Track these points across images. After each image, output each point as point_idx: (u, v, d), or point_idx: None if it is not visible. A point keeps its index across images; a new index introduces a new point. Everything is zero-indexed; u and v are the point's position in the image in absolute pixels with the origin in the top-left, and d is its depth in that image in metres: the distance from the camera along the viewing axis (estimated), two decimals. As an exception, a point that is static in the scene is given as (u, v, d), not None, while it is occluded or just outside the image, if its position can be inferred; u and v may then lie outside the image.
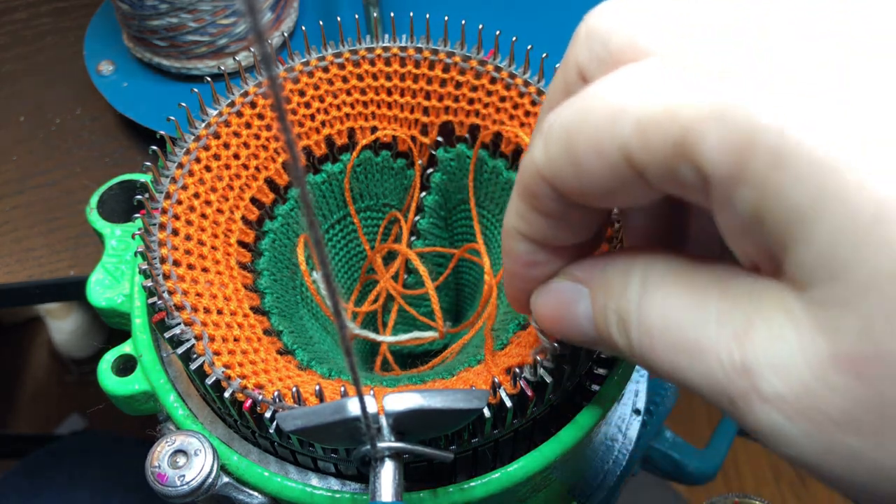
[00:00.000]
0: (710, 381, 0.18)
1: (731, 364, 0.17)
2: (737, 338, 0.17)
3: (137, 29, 0.55)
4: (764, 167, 0.15)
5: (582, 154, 0.18)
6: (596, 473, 0.37)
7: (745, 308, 0.17)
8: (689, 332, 0.18)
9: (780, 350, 0.16)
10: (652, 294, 0.19)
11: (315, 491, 0.27)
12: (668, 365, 0.19)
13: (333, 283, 0.16)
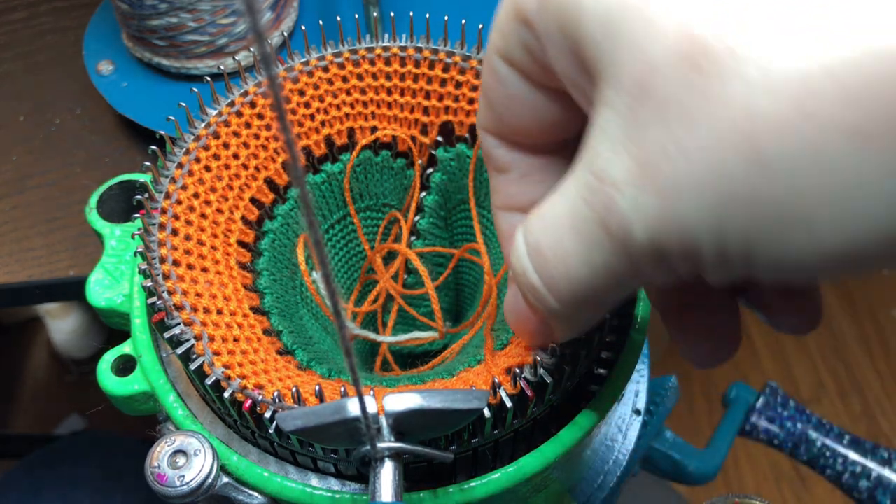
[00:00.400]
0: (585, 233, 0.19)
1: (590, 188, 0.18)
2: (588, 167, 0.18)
3: (137, 28, 0.55)
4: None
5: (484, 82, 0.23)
6: (596, 474, 0.37)
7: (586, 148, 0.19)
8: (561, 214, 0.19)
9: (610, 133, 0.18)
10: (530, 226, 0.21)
11: (315, 491, 0.27)
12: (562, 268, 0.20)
13: (333, 283, 0.16)
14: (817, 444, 0.47)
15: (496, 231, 0.26)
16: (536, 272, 0.20)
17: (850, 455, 0.46)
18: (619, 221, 0.18)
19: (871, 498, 0.45)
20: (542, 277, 0.20)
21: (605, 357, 0.29)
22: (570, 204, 0.19)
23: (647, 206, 0.17)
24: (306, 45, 0.34)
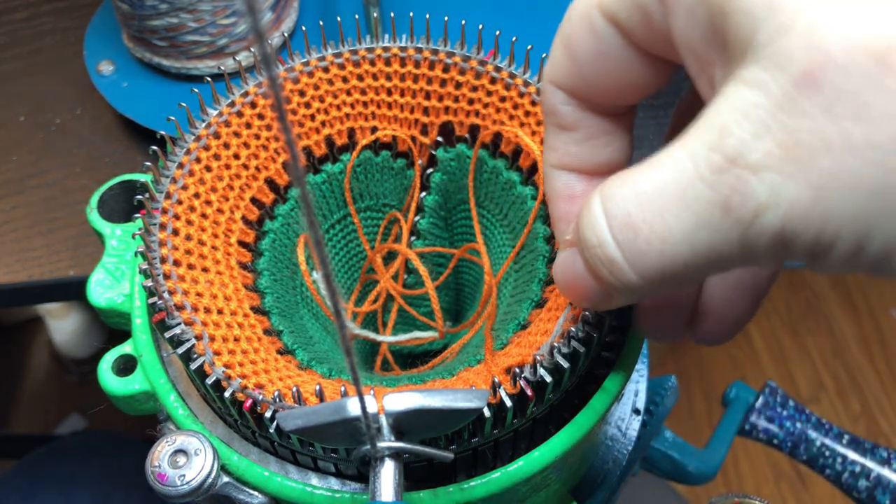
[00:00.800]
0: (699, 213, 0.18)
1: (715, 169, 0.17)
2: (713, 147, 0.17)
3: (137, 29, 0.55)
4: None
5: (571, 33, 0.22)
6: (596, 473, 0.37)
7: (710, 125, 0.18)
8: (667, 188, 0.18)
9: (754, 116, 0.17)
10: (615, 195, 0.20)
11: (315, 491, 0.27)
12: (657, 243, 0.19)
13: (333, 283, 0.16)
14: (817, 443, 0.47)
15: (547, 190, 0.25)
16: (619, 245, 0.20)
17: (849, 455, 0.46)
18: (750, 206, 0.17)
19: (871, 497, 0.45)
20: (625, 251, 0.19)
21: (605, 357, 0.29)
22: (681, 180, 0.18)
23: (789, 194, 0.17)
24: (307, 46, 0.34)
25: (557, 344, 0.25)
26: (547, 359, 0.25)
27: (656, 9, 0.20)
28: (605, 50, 0.21)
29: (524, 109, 0.33)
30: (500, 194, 0.34)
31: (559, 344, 0.25)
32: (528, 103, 0.32)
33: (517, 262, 0.33)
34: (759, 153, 0.17)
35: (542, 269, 0.31)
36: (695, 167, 0.18)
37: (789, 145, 0.17)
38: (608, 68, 0.22)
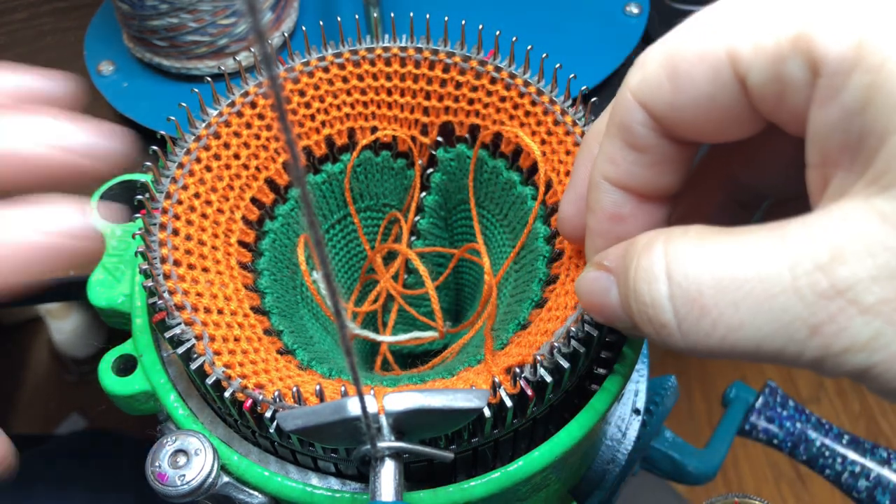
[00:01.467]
0: (785, 323, 0.17)
1: (818, 292, 0.16)
2: (821, 268, 0.16)
3: (138, 29, 0.55)
4: (879, 54, 0.16)
5: (684, 64, 0.19)
6: (596, 473, 0.37)
7: (823, 239, 0.16)
8: (753, 285, 0.17)
9: (879, 257, 0.16)
10: (686, 263, 0.18)
11: (315, 491, 0.27)
12: (723, 330, 0.18)
13: (333, 283, 0.16)
14: (816, 443, 0.47)
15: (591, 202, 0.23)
16: (676, 316, 0.18)
17: (849, 455, 0.46)
18: (844, 341, 0.16)
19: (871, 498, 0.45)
20: (682, 324, 0.18)
21: (605, 357, 0.29)
22: (772, 284, 0.17)
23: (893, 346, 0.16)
24: (307, 46, 0.34)
25: (558, 344, 0.25)
26: (547, 359, 0.25)
27: (799, 91, 0.18)
28: (719, 98, 0.19)
29: (524, 109, 0.33)
30: (500, 194, 0.34)
31: (559, 344, 0.25)
32: (529, 103, 0.32)
33: (517, 262, 0.33)
34: (874, 297, 0.16)
35: (542, 268, 0.31)
36: (793, 279, 0.17)
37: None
38: (713, 114, 0.20)
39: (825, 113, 0.17)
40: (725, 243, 0.18)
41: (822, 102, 0.17)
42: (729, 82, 0.19)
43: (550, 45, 0.58)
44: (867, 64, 0.16)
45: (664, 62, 0.20)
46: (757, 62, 0.18)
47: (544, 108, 0.32)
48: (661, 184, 0.22)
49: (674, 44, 0.20)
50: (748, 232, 0.18)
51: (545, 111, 0.32)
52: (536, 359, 0.25)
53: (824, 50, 0.17)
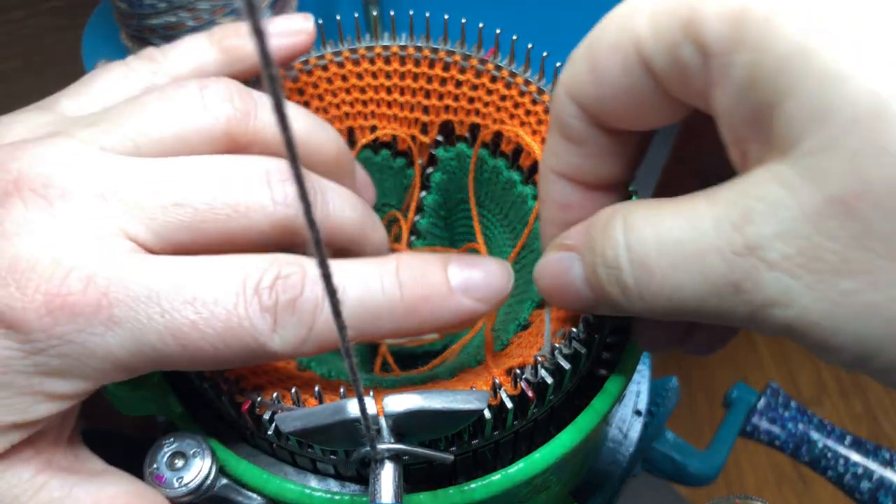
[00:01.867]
0: (712, 281, 0.18)
1: (734, 250, 0.18)
2: (736, 227, 0.18)
3: (136, 28, 0.55)
4: (757, 31, 0.17)
5: (600, 56, 0.21)
6: (597, 474, 0.36)
7: (737, 202, 0.18)
8: (686, 245, 0.19)
9: (780, 216, 0.17)
10: (639, 229, 0.20)
11: (314, 493, 0.27)
12: (668, 290, 0.19)
13: (333, 283, 0.16)
14: (819, 445, 0.47)
15: (541, 192, 0.25)
16: (634, 278, 0.20)
17: (851, 456, 0.46)
18: (760, 296, 0.18)
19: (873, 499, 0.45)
20: (639, 284, 0.20)
21: (606, 358, 0.29)
22: (700, 245, 0.18)
23: (802, 300, 0.17)
24: (306, 45, 0.34)
25: (559, 345, 0.25)
26: (548, 360, 0.25)
27: (697, 73, 0.19)
28: (634, 87, 0.20)
29: (525, 108, 0.32)
30: (500, 194, 0.34)
31: (560, 345, 0.25)
32: (529, 102, 0.32)
33: (518, 261, 0.33)
34: (777, 254, 0.17)
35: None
36: (717, 237, 0.18)
37: (810, 258, 0.17)
38: (632, 101, 0.21)
39: (722, 93, 0.18)
40: (670, 208, 0.19)
41: (717, 83, 0.18)
42: (638, 71, 0.20)
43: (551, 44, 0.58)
44: (748, 42, 0.17)
45: (585, 55, 0.21)
46: (657, 50, 0.19)
47: (545, 107, 0.32)
48: (603, 173, 0.23)
49: (594, 36, 0.21)
50: (690, 198, 0.19)
51: (546, 110, 0.32)
52: (537, 360, 0.25)
53: (708, 32, 0.18)
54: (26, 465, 0.23)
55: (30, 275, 0.21)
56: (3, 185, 0.22)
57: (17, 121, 0.27)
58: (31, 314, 0.21)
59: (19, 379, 0.22)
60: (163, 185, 0.24)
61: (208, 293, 0.22)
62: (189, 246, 0.24)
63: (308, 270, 0.23)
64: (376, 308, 0.24)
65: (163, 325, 0.22)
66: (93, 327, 0.22)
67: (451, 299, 0.24)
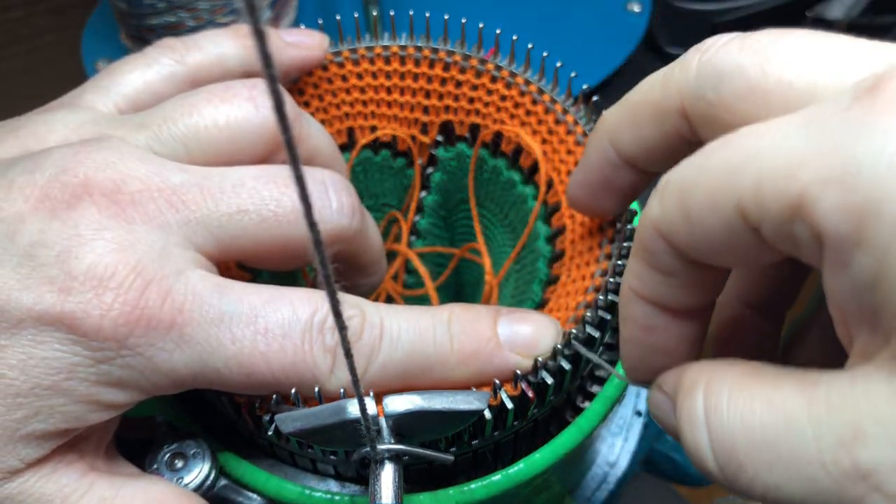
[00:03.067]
0: (815, 491, 0.16)
1: (841, 472, 0.16)
2: (844, 445, 0.16)
3: (135, 27, 0.55)
4: (886, 233, 0.15)
5: (695, 209, 0.18)
6: (597, 475, 0.36)
7: (842, 411, 0.16)
8: (779, 442, 0.17)
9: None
10: (721, 412, 0.18)
11: (314, 493, 0.27)
12: (761, 488, 0.17)
13: (333, 283, 0.16)
14: (818, 444, 0.47)
15: (622, 312, 0.23)
16: (718, 465, 0.18)
17: (851, 456, 0.46)
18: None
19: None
20: (723, 472, 0.18)
21: (607, 358, 0.29)
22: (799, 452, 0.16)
23: None
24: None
25: (559, 345, 0.25)
26: (548, 361, 0.25)
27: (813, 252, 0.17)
28: (735, 241, 0.18)
29: (525, 109, 0.32)
30: (500, 194, 0.34)
31: (560, 345, 0.25)
32: (529, 102, 0.32)
33: (518, 262, 0.33)
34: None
35: (543, 269, 0.31)
36: (817, 451, 0.16)
37: None
38: (732, 251, 0.19)
39: (837, 281, 0.16)
40: (758, 391, 0.17)
41: (833, 271, 0.16)
42: (742, 231, 0.18)
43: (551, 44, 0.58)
44: (871, 243, 0.15)
45: (679, 202, 0.19)
46: (766, 221, 0.17)
47: (545, 107, 0.32)
48: (690, 303, 0.21)
49: (687, 181, 0.19)
50: (784, 378, 0.17)
51: (546, 110, 0.32)
52: (537, 360, 0.25)
53: (824, 222, 0.16)
54: (72, 467, 0.23)
55: (108, 283, 0.21)
56: (72, 189, 0.22)
57: (54, 120, 0.26)
58: (107, 323, 0.21)
59: (81, 387, 0.22)
60: (228, 193, 0.24)
61: (278, 326, 0.22)
62: (250, 256, 0.24)
63: (367, 315, 0.23)
64: (427, 358, 0.24)
65: (232, 352, 0.22)
66: (163, 343, 0.22)
67: (498, 354, 0.24)
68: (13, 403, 0.21)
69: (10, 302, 0.21)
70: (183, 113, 0.26)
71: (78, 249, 0.21)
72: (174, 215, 0.23)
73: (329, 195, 0.26)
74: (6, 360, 0.21)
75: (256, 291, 0.23)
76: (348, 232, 0.26)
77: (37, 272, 0.21)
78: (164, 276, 0.22)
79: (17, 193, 0.22)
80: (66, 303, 0.21)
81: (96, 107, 0.28)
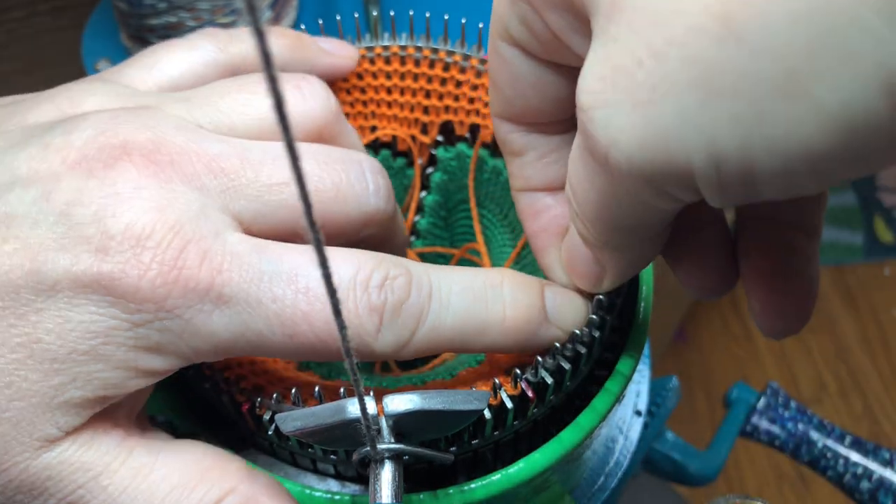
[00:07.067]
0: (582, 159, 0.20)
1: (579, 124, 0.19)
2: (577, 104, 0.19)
3: (136, 28, 0.55)
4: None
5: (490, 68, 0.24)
6: (597, 475, 0.36)
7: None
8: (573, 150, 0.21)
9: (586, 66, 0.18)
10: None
11: (314, 492, 0.27)
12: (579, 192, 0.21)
13: (333, 283, 0.16)
14: (819, 445, 0.47)
15: (517, 212, 0.27)
16: (574, 201, 0.21)
17: (851, 456, 0.46)
18: (596, 146, 0.17)
19: (873, 499, 0.45)
20: (577, 206, 0.21)
21: (606, 358, 0.29)
22: (576, 141, 0.20)
23: (621, 124, 0.16)
24: (306, 44, 0.34)
25: (559, 345, 0.25)
26: (548, 360, 0.25)
27: (531, 14, 0.20)
28: (517, 72, 0.22)
29: (525, 108, 0.32)
30: (500, 194, 0.34)
31: (561, 345, 0.25)
32: (529, 102, 0.32)
33: (518, 262, 0.33)
34: (589, 93, 0.17)
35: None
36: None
37: (610, 76, 0.16)
38: (527, 89, 0.23)
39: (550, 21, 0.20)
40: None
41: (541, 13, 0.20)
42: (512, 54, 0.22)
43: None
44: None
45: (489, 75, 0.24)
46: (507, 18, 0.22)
47: (545, 106, 0.32)
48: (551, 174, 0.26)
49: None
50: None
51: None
52: (537, 360, 0.25)
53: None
54: (109, 435, 0.22)
55: (146, 242, 0.21)
56: (110, 149, 0.22)
57: (92, 89, 0.26)
58: (145, 284, 0.20)
59: (118, 352, 0.21)
60: (269, 165, 0.24)
61: (320, 285, 0.22)
62: (286, 230, 0.24)
63: (414, 275, 0.23)
64: (480, 323, 0.23)
65: (273, 311, 0.21)
66: (202, 304, 0.21)
67: (545, 325, 0.24)
68: (50, 369, 0.20)
69: (46, 263, 0.20)
70: (230, 92, 0.26)
71: (115, 208, 0.21)
72: (212, 180, 0.23)
73: (367, 177, 0.26)
74: (42, 323, 0.20)
75: (297, 250, 0.22)
76: (383, 215, 0.26)
77: (73, 231, 0.21)
78: (202, 237, 0.21)
79: (54, 155, 0.22)
80: (104, 263, 0.20)
81: (136, 84, 0.28)
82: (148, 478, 0.22)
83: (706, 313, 1.49)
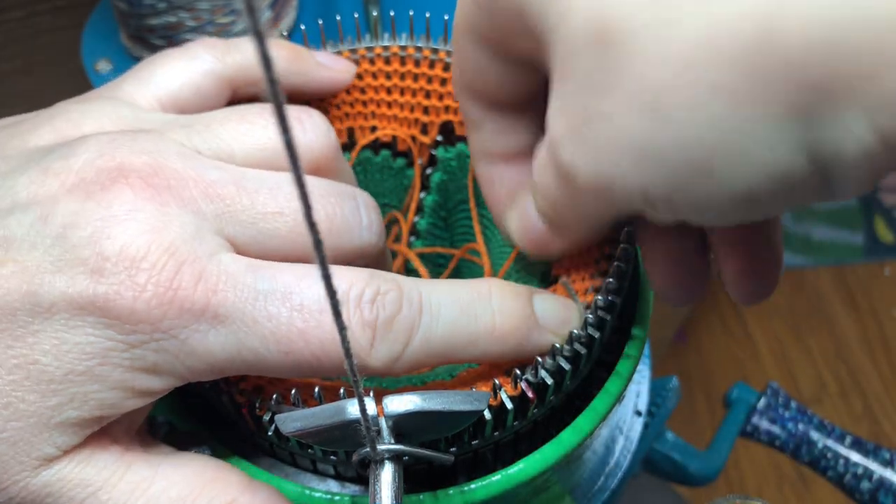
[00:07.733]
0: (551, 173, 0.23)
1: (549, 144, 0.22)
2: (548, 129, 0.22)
3: (135, 28, 0.55)
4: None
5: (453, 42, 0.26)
6: (597, 475, 0.36)
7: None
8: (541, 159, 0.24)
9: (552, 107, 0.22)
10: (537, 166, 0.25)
11: (314, 493, 0.27)
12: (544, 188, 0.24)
13: (333, 284, 0.16)
14: (819, 445, 0.47)
15: (478, 179, 0.29)
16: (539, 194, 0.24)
17: (851, 456, 0.46)
18: (566, 171, 0.21)
19: (873, 499, 0.45)
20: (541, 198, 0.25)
21: (607, 358, 0.29)
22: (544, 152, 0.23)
23: (581, 160, 0.21)
24: (305, 45, 0.34)
25: (559, 345, 0.25)
26: (548, 360, 0.25)
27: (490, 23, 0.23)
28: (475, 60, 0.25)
29: (525, 108, 0.32)
30: (500, 194, 0.34)
31: (561, 345, 0.25)
32: (529, 102, 0.32)
33: (518, 262, 0.33)
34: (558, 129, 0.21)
35: (542, 270, 0.31)
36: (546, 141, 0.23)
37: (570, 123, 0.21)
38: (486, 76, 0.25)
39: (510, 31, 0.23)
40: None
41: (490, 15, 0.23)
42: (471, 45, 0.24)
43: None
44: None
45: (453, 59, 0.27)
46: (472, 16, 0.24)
47: (545, 107, 0.32)
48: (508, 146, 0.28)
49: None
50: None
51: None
52: (537, 360, 0.25)
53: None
54: (108, 451, 0.23)
55: (141, 264, 0.21)
56: (108, 172, 0.22)
57: (91, 109, 0.26)
58: (140, 305, 0.21)
59: (115, 373, 0.21)
60: (265, 194, 0.24)
61: (314, 302, 0.22)
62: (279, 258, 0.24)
63: (404, 289, 0.23)
64: (469, 333, 0.24)
65: (269, 329, 0.22)
66: (198, 324, 0.21)
67: (536, 331, 0.25)
68: (47, 390, 0.21)
69: (43, 285, 0.21)
70: (230, 120, 0.26)
71: (111, 230, 0.21)
72: (208, 205, 0.23)
73: (361, 212, 0.26)
74: (39, 345, 0.21)
75: (290, 269, 0.23)
76: (374, 249, 0.27)
77: (69, 253, 0.21)
78: (197, 258, 0.22)
79: (53, 179, 0.22)
80: (99, 284, 0.21)
81: (135, 99, 0.28)
82: (147, 491, 0.22)
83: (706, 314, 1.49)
